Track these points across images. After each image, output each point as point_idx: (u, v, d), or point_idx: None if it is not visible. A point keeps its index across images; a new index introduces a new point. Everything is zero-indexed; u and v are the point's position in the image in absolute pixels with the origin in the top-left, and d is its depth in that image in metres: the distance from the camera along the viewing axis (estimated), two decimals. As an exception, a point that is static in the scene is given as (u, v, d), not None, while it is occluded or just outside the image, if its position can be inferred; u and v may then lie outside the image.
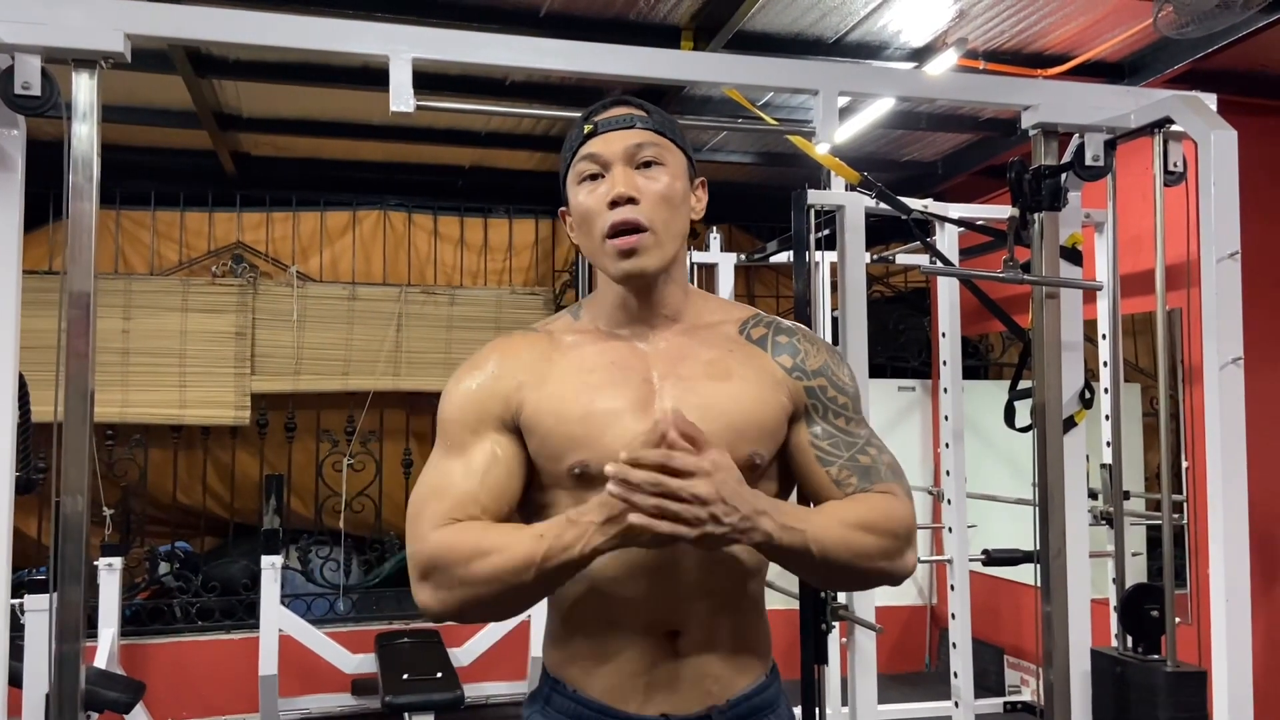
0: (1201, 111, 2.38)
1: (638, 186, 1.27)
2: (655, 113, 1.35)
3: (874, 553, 1.23)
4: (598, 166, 1.30)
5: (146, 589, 4.94)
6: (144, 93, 4.00)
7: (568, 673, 1.30)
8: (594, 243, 1.30)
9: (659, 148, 1.31)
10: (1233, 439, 2.25)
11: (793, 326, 1.39)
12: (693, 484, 1.10)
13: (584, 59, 2.23)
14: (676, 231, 1.31)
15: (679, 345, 1.32)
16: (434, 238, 5.46)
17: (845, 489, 1.29)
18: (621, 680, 1.26)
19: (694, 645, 1.25)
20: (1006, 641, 4.94)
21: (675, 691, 1.25)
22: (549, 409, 1.26)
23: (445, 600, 1.20)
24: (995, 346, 5.56)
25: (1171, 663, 2.44)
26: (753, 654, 1.32)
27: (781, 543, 1.16)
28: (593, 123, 1.32)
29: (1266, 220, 2.32)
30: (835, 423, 1.33)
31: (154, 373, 4.88)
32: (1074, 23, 3.30)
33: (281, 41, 2.11)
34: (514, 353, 1.33)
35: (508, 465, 1.27)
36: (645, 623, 1.24)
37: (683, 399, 1.26)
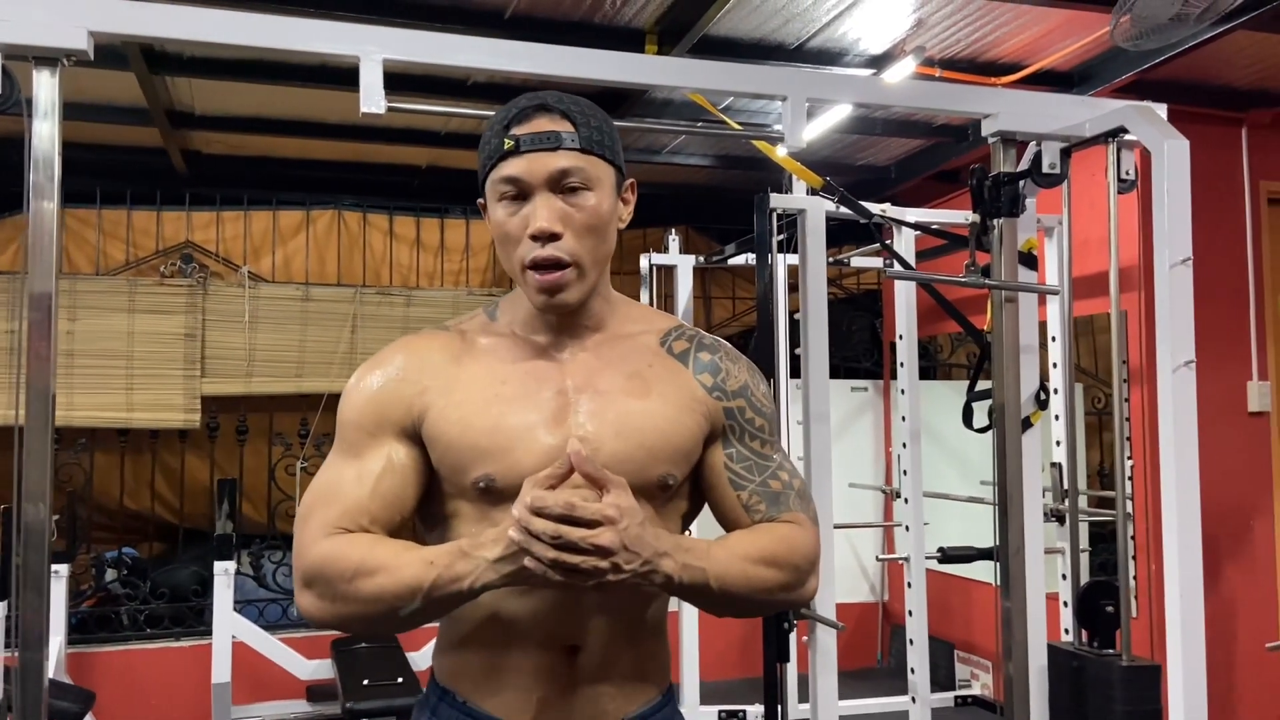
0: (1155, 121, 2.45)
1: (561, 217, 1.20)
2: (583, 124, 1.22)
3: (774, 585, 1.22)
4: (517, 190, 1.21)
5: (93, 596, 4.82)
6: (91, 88, 3.91)
7: (459, 684, 1.26)
8: (513, 265, 1.23)
9: (586, 170, 1.21)
10: (1185, 439, 2.33)
11: (714, 342, 1.35)
12: (596, 534, 1.06)
13: (557, 62, 2.24)
14: (602, 256, 1.25)
15: (598, 357, 1.28)
16: (389, 238, 5.41)
17: (754, 515, 1.28)
18: (515, 695, 1.22)
19: (591, 663, 1.22)
20: (957, 637, 5.03)
21: (569, 709, 1.22)
22: (455, 418, 1.21)
23: (326, 610, 1.17)
24: (945, 348, 5.66)
25: (1127, 657, 2.52)
26: (651, 674, 1.29)
27: (682, 581, 1.14)
28: (513, 138, 1.21)
29: (1207, 228, 2.40)
30: (750, 445, 1.31)
31: (100, 375, 4.77)
32: (1027, 33, 3.38)
33: (250, 41, 2.09)
34: (421, 353, 1.27)
35: (403, 474, 1.22)
36: (542, 638, 1.21)
37: (599, 414, 1.22)
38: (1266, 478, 3.86)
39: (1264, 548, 3.84)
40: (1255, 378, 3.86)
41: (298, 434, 5.13)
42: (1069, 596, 3.26)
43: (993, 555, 3.61)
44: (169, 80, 3.85)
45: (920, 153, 4.78)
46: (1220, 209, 3.83)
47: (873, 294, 6.04)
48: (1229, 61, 3.55)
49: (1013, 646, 2.66)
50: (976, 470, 4.96)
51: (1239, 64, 3.58)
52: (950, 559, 3.68)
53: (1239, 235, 3.91)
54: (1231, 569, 3.76)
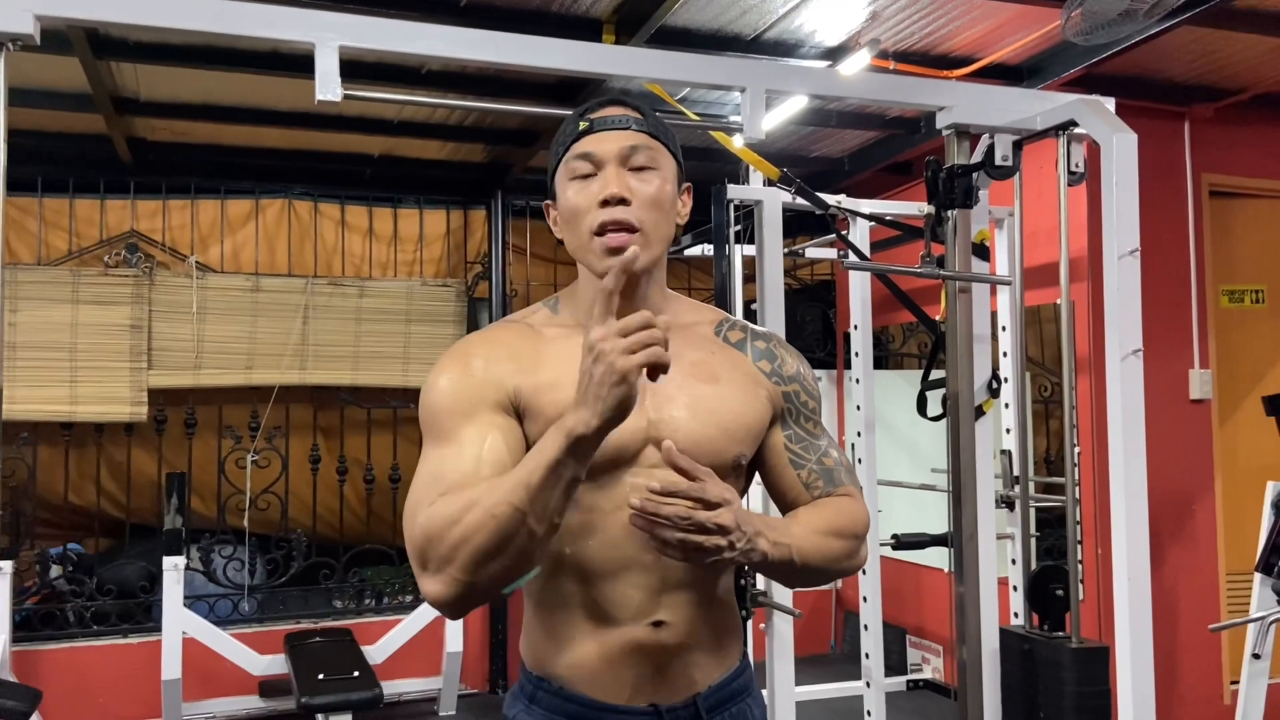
0: (1103, 115, 2.50)
1: (630, 188, 1.27)
2: (650, 115, 1.34)
3: (841, 555, 1.32)
4: (591, 166, 1.29)
5: (37, 593, 4.72)
6: (33, 73, 3.81)
7: (551, 670, 1.29)
8: (581, 239, 1.29)
9: (653, 151, 1.30)
10: (1133, 426, 2.38)
11: (767, 332, 1.44)
12: (719, 515, 1.13)
13: (516, 51, 2.23)
14: (663, 234, 1.31)
15: None
16: (341, 228, 5.33)
17: (813, 491, 1.37)
18: (608, 674, 1.26)
19: (676, 636, 1.27)
20: (909, 622, 5.12)
21: (661, 682, 1.27)
22: (550, 397, 1.23)
23: (451, 577, 1.12)
24: (896, 338, 5.73)
25: (1076, 639, 2.58)
26: (729, 642, 1.35)
27: (773, 559, 1.22)
28: (588, 120, 1.31)
29: (1150, 219, 2.46)
30: (805, 426, 1.39)
31: (42, 367, 4.65)
32: (979, 26, 3.43)
33: (203, 26, 2.05)
34: (501, 340, 1.31)
35: (506, 440, 1.22)
36: (628, 616, 1.25)
37: (673, 398, 1.27)
38: (1208, 464, 3.96)
39: (1205, 531, 3.95)
40: (1197, 366, 3.96)
41: (248, 427, 5.05)
42: (1019, 581, 3.33)
43: (945, 541, 3.69)
44: (114, 65, 3.76)
45: (873, 145, 4.83)
46: (1163, 201, 3.92)
47: (826, 284, 6.09)
48: (1172, 56, 3.63)
49: (966, 631, 2.71)
50: (927, 458, 5.04)
51: (1182, 59, 3.66)
52: (904, 546, 3.73)
53: (1181, 227, 4.00)
54: (1175, 552, 3.86)
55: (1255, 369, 4.16)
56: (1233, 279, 4.16)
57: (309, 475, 5.15)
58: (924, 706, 4.69)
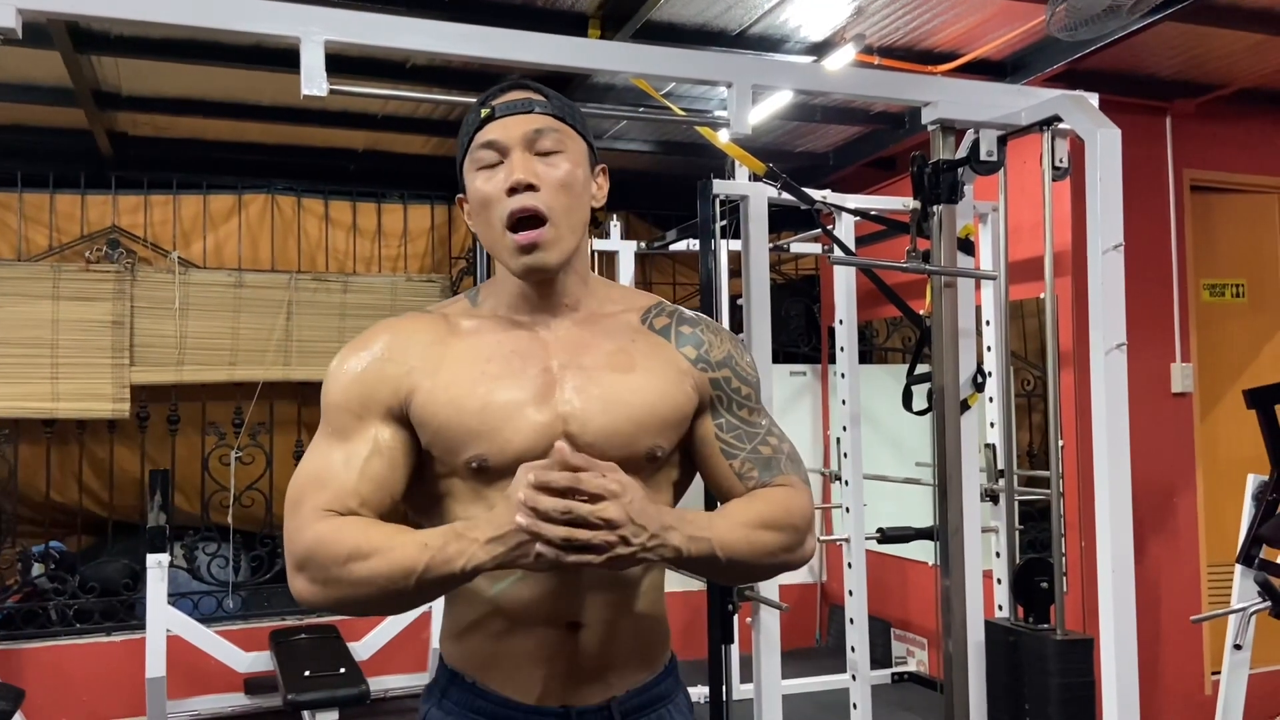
0: (1088, 110, 2.52)
1: (537, 173, 1.23)
2: (554, 97, 1.30)
3: (775, 548, 1.25)
4: (495, 153, 1.25)
5: (18, 591, 4.68)
6: (11, 67, 3.77)
7: (467, 666, 1.27)
8: (493, 233, 1.25)
9: (559, 134, 1.26)
10: (1117, 420, 2.40)
11: (695, 316, 1.37)
12: (603, 508, 1.08)
13: (502, 45, 2.22)
14: (577, 221, 1.27)
15: (580, 334, 1.29)
16: (325, 223, 5.30)
17: (747, 482, 1.30)
18: (522, 673, 1.24)
19: (595, 638, 1.24)
20: (893, 615, 5.14)
21: (576, 684, 1.24)
22: (445, 399, 1.21)
23: (319, 594, 1.17)
24: (880, 332, 5.75)
25: (1061, 631, 2.60)
26: (652, 646, 1.32)
27: (690, 553, 1.16)
28: (490, 106, 1.26)
29: (1132, 214, 2.48)
30: (739, 414, 1.33)
31: (23, 364, 4.62)
32: (963, 22, 3.44)
33: (187, 20, 2.03)
34: (406, 335, 1.27)
35: (391, 456, 1.22)
36: (546, 615, 1.22)
37: (584, 389, 1.24)
38: (1189, 457, 4.00)
39: (1187, 524, 3.98)
40: (1179, 360, 4.00)
41: (231, 423, 5.03)
42: (1003, 574, 3.35)
43: (930, 535, 3.71)
44: (95, 59, 3.73)
45: (857, 140, 4.84)
46: (1145, 196, 3.94)
47: (810, 279, 6.10)
48: (1155, 52, 3.65)
49: (952, 624, 2.73)
50: (911, 452, 5.06)
51: (1164, 55, 3.69)
52: (889, 539, 3.75)
53: (1163, 222, 4.03)
54: (1157, 544, 3.90)
55: (1236, 363, 4.20)
56: (1214, 273, 4.19)
57: (293, 471, 5.10)
58: (909, 699, 4.72)
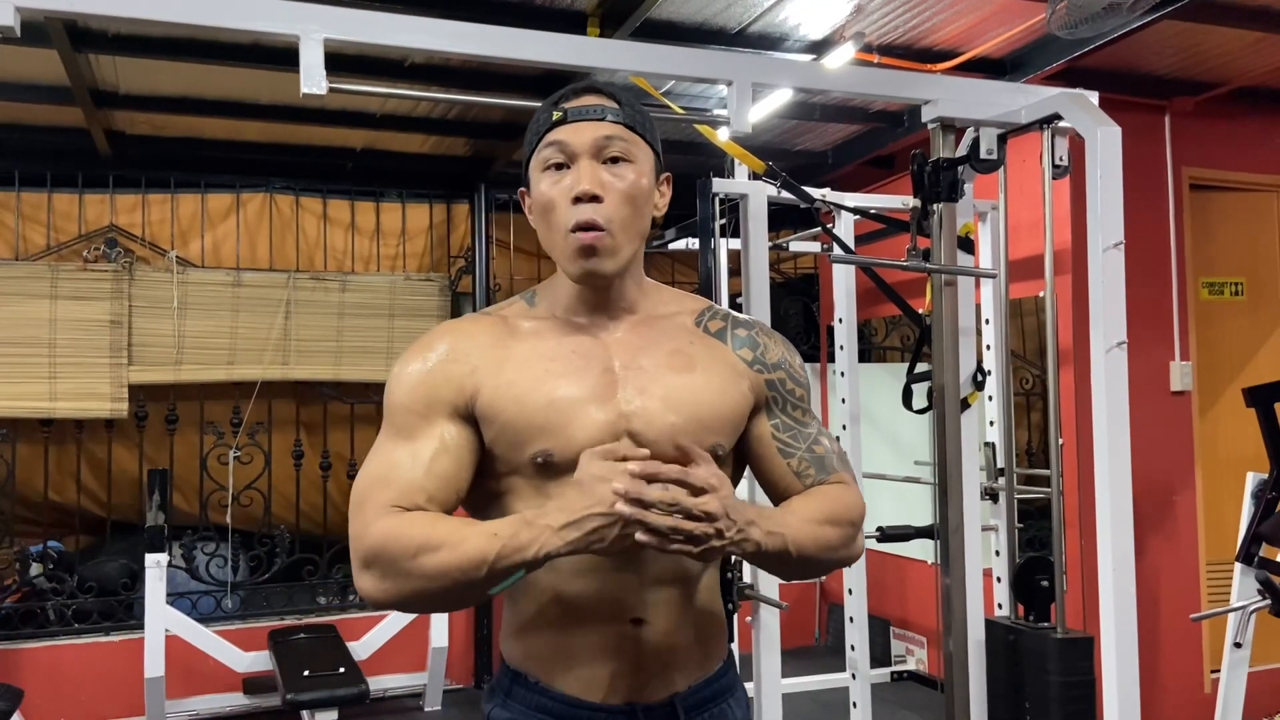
0: (1087, 108, 2.52)
1: (603, 183, 1.24)
2: (627, 104, 1.30)
3: (838, 543, 1.28)
4: (564, 156, 1.26)
5: (17, 591, 4.67)
6: (8, 66, 3.76)
7: (529, 665, 1.28)
8: (554, 236, 1.27)
9: (628, 143, 1.27)
10: (1117, 418, 2.40)
11: (749, 320, 1.40)
12: (704, 501, 1.11)
13: (503, 44, 2.22)
14: (637, 231, 1.28)
15: (639, 336, 1.31)
16: (323, 222, 5.29)
17: (805, 480, 1.33)
18: (586, 672, 1.24)
19: (657, 634, 1.25)
20: (892, 614, 5.14)
21: (639, 680, 1.25)
22: (510, 396, 1.23)
23: (389, 590, 1.16)
24: (879, 331, 5.74)
25: (1061, 629, 2.60)
26: (712, 641, 1.33)
27: (767, 549, 1.19)
28: (562, 109, 1.27)
29: (1132, 213, 2.48)
30: (793, 415, 1.35)
31: (21, 363, 4.61)
32: (962, 20, 3.43)
33: (185, 19, 2.03)
34: (468, 336, 1.29)
35: (457, 454, 1.23)
36: (609, 613, 1.23)
37: (646, 389, 1.25)
38: (1188, 455, 4.00)
39: (1186, 522, 3.98)
40: (1178, 358, 4.00)
41: (230, 423, 5.02)
42: (1003, 572, 3.35)
43: (930, 534, 3.70)
44: (93, 58, 3.72)
45: (856, 138, 4.84)
46: (1144, 195, 3.94)
47: (808, 278, 6.10)
48: (1154, 50, 3.65)
49: (952, 622, 2.73)
50: (910, 451, 5.06)
51: (1163, 53, 3.68)
52: (889, 538, 3.74)
53: (1162, 220, 4.03)
54: (1156, 543, 3.90)
55: (1235, 361, 4.20)
56: (1213, 272, 4.19)
57: (292, 471, 5.11)
58: (909, 698, 4.72)
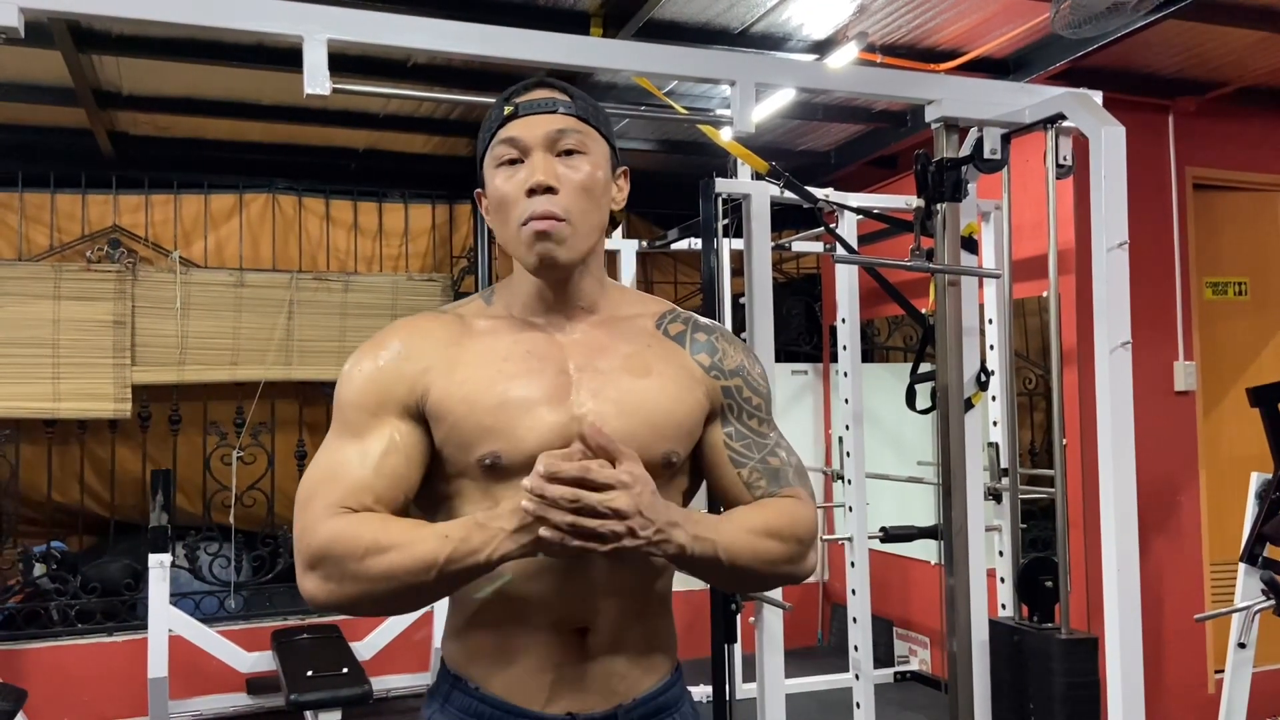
0: (1092, 108, 2.51)
1: (557, 175, 1.22)
2: (579, 97, 1.29)
3: (778, 558, 1.24)
4: (517, 151, 1.24)
5: (20, 592, 4.68)
6: (11, 66, 3.76)
7: (470, 670, 1.26)
8: (510, 230, 1.25)
9: (581, 135, 1.25)
10: (1122, 418, 2.40)
11: (710, 324, 1.37)
12: (611, 497, 1.08)
13: (506, 44, 2.22)
14: (595, 223, 1.27)
15: (596, 337, 1.29)
16: (326, 222, 5.30)
17: (755, 491, 1.30)
18: (526, 678, 1.22)
19: (602, 644, 1.23)
20: (895, 614, 5.14)
21: (581, 690, 1.23)
22: (460, 396, 1.21)
23: (334, 592, 1.15)
24: (882, 331, 5.74)
25: (1065, 630, 2.59)
26: (660, 653, 1.30)
27: (693, 553, 1.16)
28: (513, 104, 1.26)
29: (1135, 213, 2.47)
30: (749, 424, 1.32)
31: (24, 363, 4.61)
32: (966, 20, 3.43)
33: (189, 19, 2.02)
34: (422, 334, 1.27)
35: (406, 453, 1.21)
36: (553, 620, 1.21)
37: (600, 392, 1.23)
38: (1192, 455, 3.99)
39: (1190, 523, 3.98)
40: (1181, 358, 3.99)
41: (233, 423, 5.02)
42: (1006, 573, 3.35)
43: (933, 534, 3.70)
44: (96, 59, 3.72)
45: (859, 138, 4.84)
46: (1148, 194, 3.94)
47: (811, 278, 6.10)
48: (1157, 50, 3.65)
49: (956, 623, 2.72)
50: (913, 451, 5.05)
51: (1167, 52, 3.68)
52: (892, 538, 3.74)
53: (1166, 220, 4.03)
54: (1159, 543, 3.89)
55: (1238, 361, 4.19)
56: (1216, 272, 4.19)
57: (295, 471, 5.11)
58: (912, 698, 4.72)
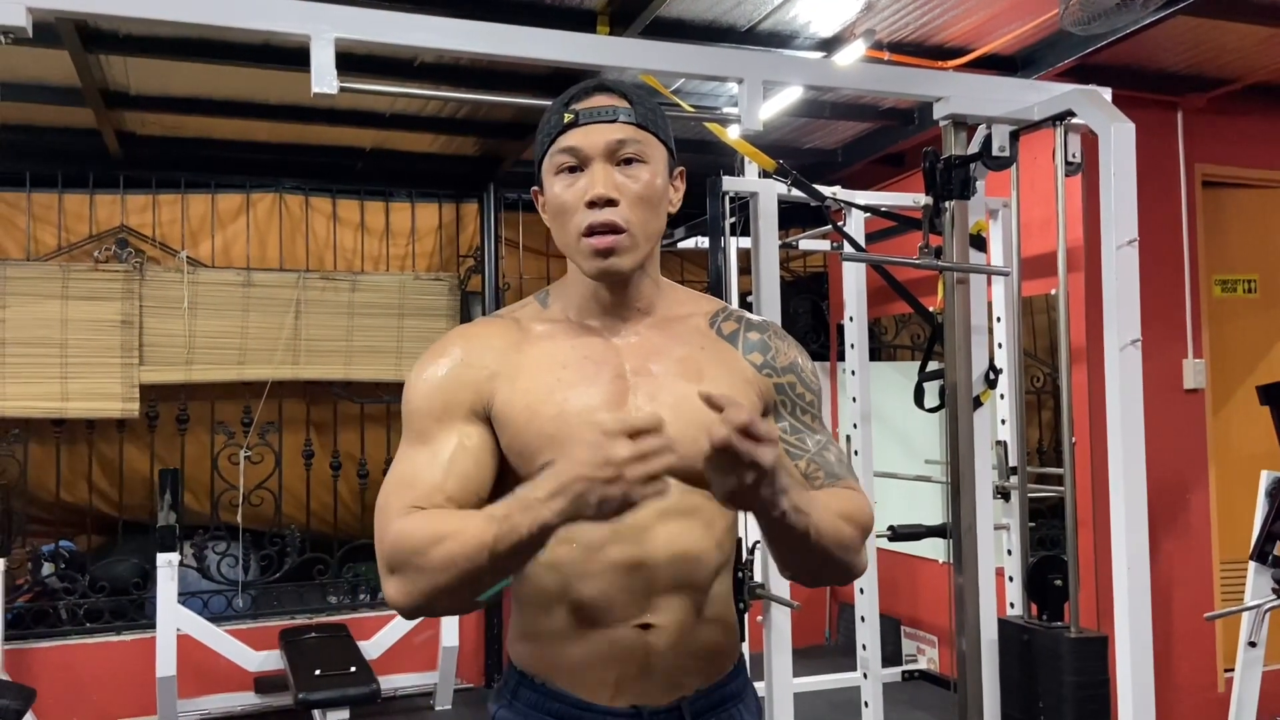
0: (1101, 105, 2.51)
1: (617, 186, 1.24)
2: (639, 102, 1.29)
3: (850, 543, 1.24)
4: (576, 160, 1.25)
5: (29, 591, 4.69)
6: (20, 66, 3.77)
7: (536, 667, 1.28)
8: (569, 238, 1.27)
9: (641, 144, 1.26)
10: (1132, 416, 2.39)
11: (763, 323, 1.39)
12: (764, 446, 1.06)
13: (515, 43, 2.22)
14: (653, 230, 1.28)
15: (651, 340, 1.30)
16: (333, 222, 5.30)
17: (814, 483, 1.30)
18: (591, 674, 1.24)
19: (664, 639, 1.24)
20: (903, 613, 5.13)
21: (646, 684, 1.25)
22: (522, 404, 1.23)
23: (409, 592, 1.15)
24: (889, 329, 5.72)
25: (1075, 629, 2.59)
26: (721, 646, 1.32)
27: (791, 520, 1.14)
28: (573, 112, 1.26)
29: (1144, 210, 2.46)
30: (802, 419, 1.34)
31: (33, 363, 4.62)
32: (974, 17, 3.42)
33: (197, 18, 2.03)
34: (483, 340, 1.29)
35: (476, 455, 1.23)
36: (617, 616, 1.23)
37: (656, 396, 1.25)
38: (1201, 453, 3.98)
39: (1199, 521, 3.96)
40: (1190, 356, 3.97)
41: (241, 422, 5.03)
42: (1015, 571, 3.34)
43: (942, 533, 3.69)
44: (103, 58, 3.73)
45: (866, 136, 4.82)
46: (1156, 192, 3.92)
47: (818, 276, 6.09)
48: (1166, 46, 3.63)
49: (965, 621, 2.72)
50: (921, 450, 5.04)
51: (1175, 49, 3.66)
52: (900, 537, 3.74)
53: (1175, 217, 4.01)
54: (1169, 541, 3.88)
55: (1248, 358, 4.17)
56: (1225, 269, 4.17)
57: (302, 470, 5.13)
58: (920, 697, 4.71)
